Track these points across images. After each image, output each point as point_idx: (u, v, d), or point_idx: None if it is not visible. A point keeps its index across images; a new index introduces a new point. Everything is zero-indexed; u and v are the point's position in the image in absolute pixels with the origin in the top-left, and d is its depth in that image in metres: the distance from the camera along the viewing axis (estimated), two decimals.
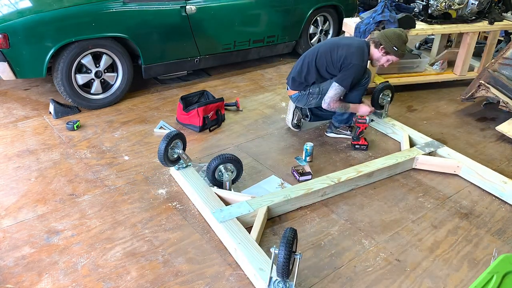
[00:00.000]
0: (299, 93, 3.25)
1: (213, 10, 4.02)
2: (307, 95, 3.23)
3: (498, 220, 2.62)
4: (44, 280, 2.03)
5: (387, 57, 3.09)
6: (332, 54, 3.07)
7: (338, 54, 3.04)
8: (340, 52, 3.04)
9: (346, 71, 3.02)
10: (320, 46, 3.20)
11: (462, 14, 4.18)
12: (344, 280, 2.12)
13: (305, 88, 3.22)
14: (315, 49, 3.19)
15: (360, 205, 2.67)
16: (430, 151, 3.09)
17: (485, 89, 3.66)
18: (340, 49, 3.05)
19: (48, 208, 2.49)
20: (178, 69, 4.11)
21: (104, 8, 3.40)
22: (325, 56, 3.10)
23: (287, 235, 1.81)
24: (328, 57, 3.08)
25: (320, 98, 3.21)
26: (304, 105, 3.33)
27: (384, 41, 3.03)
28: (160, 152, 2.55)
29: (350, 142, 3.35)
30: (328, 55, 3.08)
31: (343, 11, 5.03)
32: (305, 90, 3.22)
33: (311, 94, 3.22)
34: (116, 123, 3.46)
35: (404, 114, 3.90)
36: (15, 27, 3.11)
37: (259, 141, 3.34)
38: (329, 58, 3.08)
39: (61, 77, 3.38)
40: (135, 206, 2.55)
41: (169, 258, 2.19)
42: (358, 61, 3.02)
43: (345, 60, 3.01)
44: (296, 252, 1.86)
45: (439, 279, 2.16)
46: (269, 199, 2.47)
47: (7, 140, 3.14)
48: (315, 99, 3.24)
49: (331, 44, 3.14)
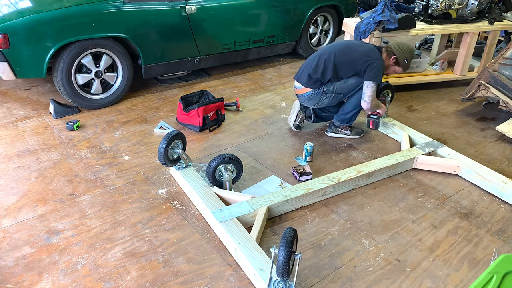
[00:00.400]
0: (312, 91, 3.22)
1: (213, 10, 4.02)
2: (321, 94, 3.21)
3: (498, 220, 2.62)
4: (44, 280, 2.03)
5: (395, 68, 3.26)
6: (352, 53, 3.14)
7: (358, 54, 3.12)
8: (358, 53, 3.13)
9: (372, 68, 3.08)
10: (336, 45, 3.25)
11: (462, 14, 4.18)
12: (344, 280, 2.13)
13: (320, 86, 3.20)
14: (331, 48, 3.21)
15: (360, 205, 2.67)
16: (430, 151, 3.09)
17: (485, 89, 3.66)
18: (357, 51, 3.14)
19: (48, 208, 2.49)
20: (178, 69, 4.11)
21: (104, 8, 3.40)
22: (345, 55, 3.14)
23: (287, 235, 1.81)
24: (348, 56, 3.14)
25: (333, 97, 3.22)
26: (315, 105, 3.32)
27: (398, 52, 3.18)
28: (160, 152, 2.55)
29: (350, 142, 3.36)
30: (348, 55, 3.14)
31: (343, 11, 5.03)
32: (319, 89, 3.20)
33: (325, 93, 3.20)
34: (116, 123, 3.46)
35: (404, 114, 3.90)
36: (15, 27, 3.11)
37: (259, 141, 3.34)
38: (350, 57, 3.13)
39: (61, 77, 3.38)
40: (135, 206, 2.55)
41: (169, 258, 2.19)
42: (379, 57, 3.14)
43: (368, 59, 3.09)
44: (296, 252, 1.86)
45: (439, 279, 2.16)
46: (269, 199, 2.47)
47: (7, 140, 3.14)
48: (328, 98, 3.23)
49: (346, 45, 3.24)
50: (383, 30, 3.76)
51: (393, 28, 3.75)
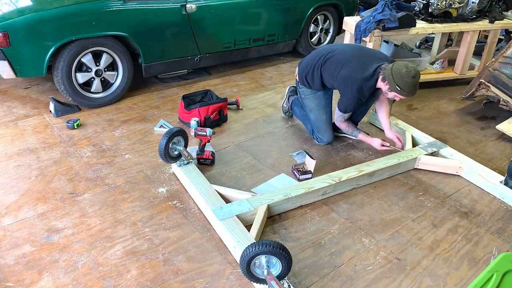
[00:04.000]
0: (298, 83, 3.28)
1: (214, 8, 4.02)
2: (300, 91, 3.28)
3: (498, 219, 2.62)
4: (45, 278, 2.03)
5: (393, 93, 2.85)
6: (339, 69, 2.94)
7: (341, 73, 2.91)
8: (344, 71, 2.90)
9: (344, 95, 2.97)
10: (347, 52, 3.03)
11: (462, 13, 4.18)
12: (344, 279, 2.13)
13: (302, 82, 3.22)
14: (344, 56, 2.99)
15: (360, 204, 2.67)
16: (433, 151, 3.08)
17: (486, 88, 3.66)
18: (347, 67, 2.90)
19: (49, 207, 2.49)
20: (178, 68, 4.11)
21: (105, 7, 3.40)
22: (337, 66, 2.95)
23: None
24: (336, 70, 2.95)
25: (303, 104, 3.30)
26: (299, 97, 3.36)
27: (388, 79, 2.78)
28: (160, 148, 2.55)
29: (350, 140, 3.35)
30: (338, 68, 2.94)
31: (344, 10, 5.03)
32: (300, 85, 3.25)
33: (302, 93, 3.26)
34: (117, 122, 3.46)
35: (404, 113, 3.90)
36: (16, 26, 3.11)
37: (259, 140, 3.34)
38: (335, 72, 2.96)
39: (61, 76, 3.38)
40: (136, 205, 2.55)
41: (169, 257, 2.19)
42: (361, 80, 2.85)
43: (347, 82, 2.89)
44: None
45: (439, 278, 2.16)
46: (270, 198, 2.48)
47: (8, 139, 3.14)
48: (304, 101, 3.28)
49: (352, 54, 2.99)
50: (383, 29, 3.76)
51: (393, 27, 3.75)
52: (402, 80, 2.74)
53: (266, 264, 1.87)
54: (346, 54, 2.99)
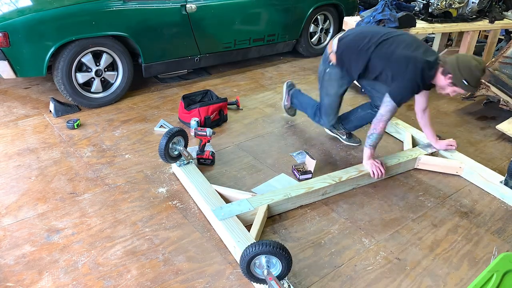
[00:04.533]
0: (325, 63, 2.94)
1: (214, 8, 4.02)
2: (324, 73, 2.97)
3: (498, 219, 2.62)
4: (45, 278, 2.03)
5: (453, 88, 2.55)
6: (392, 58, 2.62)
7: (401, 53, 2.60)
8: (404, 51, 2.60)
9: (400, 81, 2.60)
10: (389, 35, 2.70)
11: (462, 13, 4.18)
12: (344, 279, 2.13)
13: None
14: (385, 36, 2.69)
15: (360, 204, 2.67)
16: (433, 151, 3.08)
17: (486, 87, 3.66)
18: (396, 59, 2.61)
19: (49, 207, 2.49)
20: (178, 68, 4.11)
21: (105, 7, 3.40)
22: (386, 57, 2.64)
23: None
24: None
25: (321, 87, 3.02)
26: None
27: (453, 71, 2.47)
28: (160, 148, 2.55)
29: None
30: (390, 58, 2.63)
31: (344, 9, 5.03)
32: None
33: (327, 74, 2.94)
34: (117, 122, 3.46)
35: (404, 113, 3.90)
36: (16, 26, 3.11)
37: (259, 140, 3.34)
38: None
39: (62, 76, 3.38)
40: (136, 205, 2.55)
41: (169, 257, 2.19)
42: (416, 71, 2.55)
43: (407, 62, 2.57)
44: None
45: (439, 278, 2.16)
46: (270, 198, 2.48)
47: (8, 139, 3.14)
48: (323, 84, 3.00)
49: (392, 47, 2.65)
50: None
51: (393, 27, 3.75)
52: (471, 73, 2.44)
53: (266, 264, 1.87)
54: (405, 37, 2.71)
